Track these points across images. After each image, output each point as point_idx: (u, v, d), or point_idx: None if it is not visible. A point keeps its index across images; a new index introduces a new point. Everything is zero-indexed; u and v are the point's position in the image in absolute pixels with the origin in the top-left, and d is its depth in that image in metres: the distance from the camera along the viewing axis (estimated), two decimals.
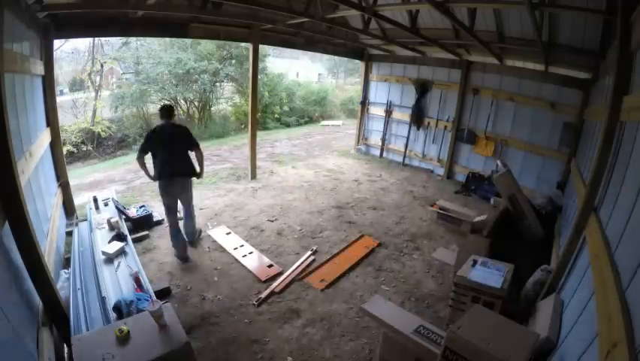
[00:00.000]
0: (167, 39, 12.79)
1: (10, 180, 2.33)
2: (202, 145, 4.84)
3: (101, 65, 13.42)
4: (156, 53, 13.53)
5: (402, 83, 9.48)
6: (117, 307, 2.84)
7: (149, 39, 13.39)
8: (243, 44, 13.09)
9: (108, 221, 4.49)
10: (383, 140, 10.08)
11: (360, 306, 3.38)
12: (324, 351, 3.39)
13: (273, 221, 5.94)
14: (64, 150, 9.12)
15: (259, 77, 10.23)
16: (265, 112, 15.08)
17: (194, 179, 4.81)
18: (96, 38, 12.38)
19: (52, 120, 4.81)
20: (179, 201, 4.78)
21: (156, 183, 4.64)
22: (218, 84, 14.95)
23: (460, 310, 3.55)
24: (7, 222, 2.34)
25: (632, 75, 2.72)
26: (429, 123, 9.03)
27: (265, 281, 4.33)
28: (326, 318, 3.81)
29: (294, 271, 4.56)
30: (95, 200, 5.17)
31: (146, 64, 13.41)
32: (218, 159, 9.86)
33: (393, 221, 6.25)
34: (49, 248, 3.42)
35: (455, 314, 3.63)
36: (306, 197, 7.03)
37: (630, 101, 2.54)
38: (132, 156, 10.93)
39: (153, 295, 3.14)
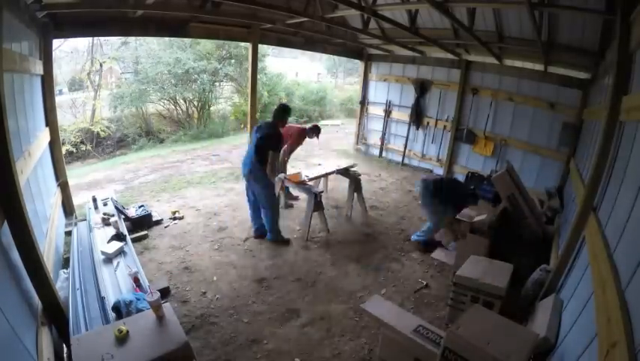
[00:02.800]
0: (167, 39, 12.73)
1: (9, 180, 2.33)
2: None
3: (100, 65, 13.36)
4: (155, 52, 13.48)
5: (401, 82, 9.48)
6: (116, 307, 2.83)
7: (148, 39, 13.33)
8: (242, 44, 13.08)
9: (102, 218, 4.56)
10: (382, 139, 10.07)
11: (360, 305, 3.38)
12: (323, 351, 3.39)
13: None
14: (64, 149, 9.08)
15: (258, 76, 10.22)
16: (264, 112, 15.00)
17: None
18: (95, 38, 12.35)
19: (51, 120, 4.80)
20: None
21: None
22: (217, 84, 14.91)
23: (459, 309, 3.57)
24: (6, 222, 2.34)
25: (631, 75, 2.72)
26: (428, 123, 9.04)
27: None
28: (325, 318, 3.82)
29: None
30: (95, 200, 5.16)
31: (145, 63, 13.36)
32: (217, 158, 9.84)
33: (393, 221, 6.26)
34: (48, 248, 3.42)
35: (454, 314, 3.64)
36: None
37: (629, 101, 2.54)
38: (131, 156, 10.95)
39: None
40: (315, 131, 6.46)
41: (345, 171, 6.29)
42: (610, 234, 2.27)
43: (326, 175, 6.42)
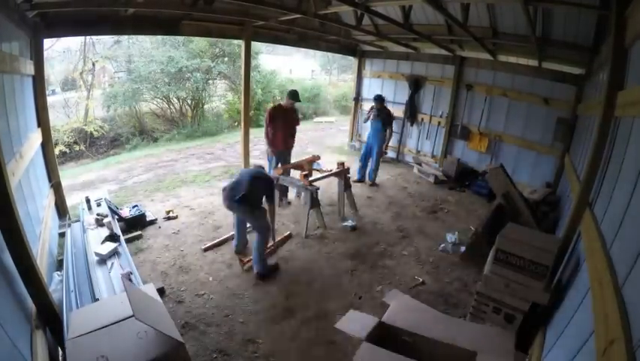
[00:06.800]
0: (159, 37, 12.69)
1: None
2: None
3: (93, 64, 13.25)
4: (148, 51, 13.39)
5: (395, 79, 9.48)
6: None
7: (140, 37, 13.26)
8: (235, 41, 13.00)
9: (95, 219, 4.54)
10: None
11: (335, 326, 2.98)
12: (319, 350, 3.38)
13: None
14: (57, 150, 9.05)
15: (252, 74, 10.17)
16: (258, 109, 14.97)
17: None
18: (87, 37, 12.24)
19: (43, 120, 4.75)
20: None
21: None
22: (210, 82, 14.82)
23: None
24: None
25: (626, 71, 2.72)
26: (422, 119, 9.05)
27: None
28: (321, 316, 3.81)
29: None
30: (88, 200, 5.12)
31: (138, 62, 13.26)
32: (211, 157, 9.81)
33: (388, 217, 6.25)
34: (41, 250, 3.39)
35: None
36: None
37: (625, 97, 2.54)
38: (125, 156, 10.89)
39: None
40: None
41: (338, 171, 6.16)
42: (606, 230, 2.27)
43: (327, 177, 6.24)
